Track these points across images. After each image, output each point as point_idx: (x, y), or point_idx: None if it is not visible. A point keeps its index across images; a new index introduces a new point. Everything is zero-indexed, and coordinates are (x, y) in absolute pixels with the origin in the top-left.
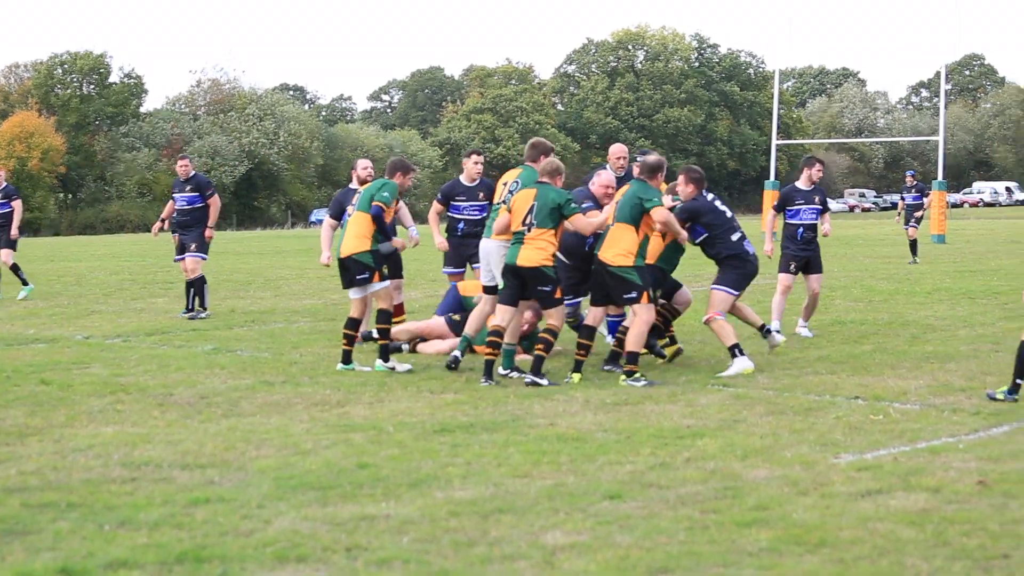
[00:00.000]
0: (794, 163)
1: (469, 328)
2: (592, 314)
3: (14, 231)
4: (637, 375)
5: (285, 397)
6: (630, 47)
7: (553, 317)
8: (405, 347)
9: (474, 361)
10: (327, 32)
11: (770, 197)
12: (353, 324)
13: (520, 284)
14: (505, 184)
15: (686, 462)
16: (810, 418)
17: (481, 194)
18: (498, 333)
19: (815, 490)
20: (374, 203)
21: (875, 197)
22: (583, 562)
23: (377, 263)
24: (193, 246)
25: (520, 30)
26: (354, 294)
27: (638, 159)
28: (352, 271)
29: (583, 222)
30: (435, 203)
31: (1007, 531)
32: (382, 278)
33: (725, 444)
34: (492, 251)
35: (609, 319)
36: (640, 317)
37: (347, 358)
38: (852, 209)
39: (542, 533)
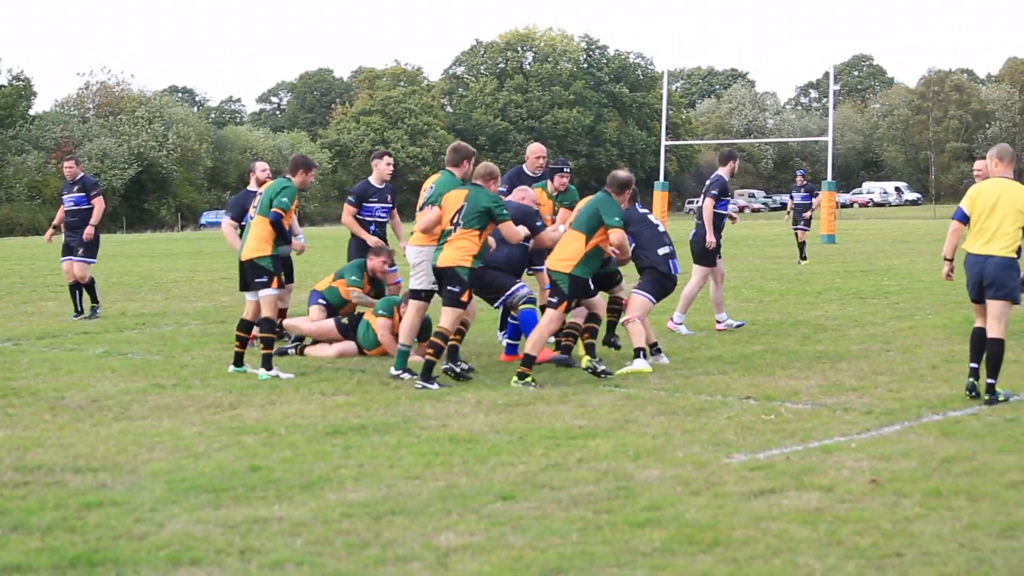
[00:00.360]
0: (683, 164)
1: (404, 336)
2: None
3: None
4: (529, 379)
5: (176, 400)
6: (519, 48)
7: (447, 319)
8: (291, 350)
9: (365, 363)
10: (216, 34)
11: (660, 198)
12: (246, 326)
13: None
14: (429, 190)
15: (578, 463)
16: (702, 418)
17: (389, 196)
18: (441, 336)
19: (708, 490)
20: (272, 209)
21: (764, 197)
22: (476, 563)
23: (276, 268)
24: (81, 251)
25: (409, 32)
26: (250, 297)
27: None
28: (250, 274)
29: (512, 230)
30: (348, 206)
31: (900, 529)
32: (280, 284)
33: (617, 444)
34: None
35: (512, 322)
36: (547, 321)
37: (239, 360)
38: (742, 210)
39: (435, 534)
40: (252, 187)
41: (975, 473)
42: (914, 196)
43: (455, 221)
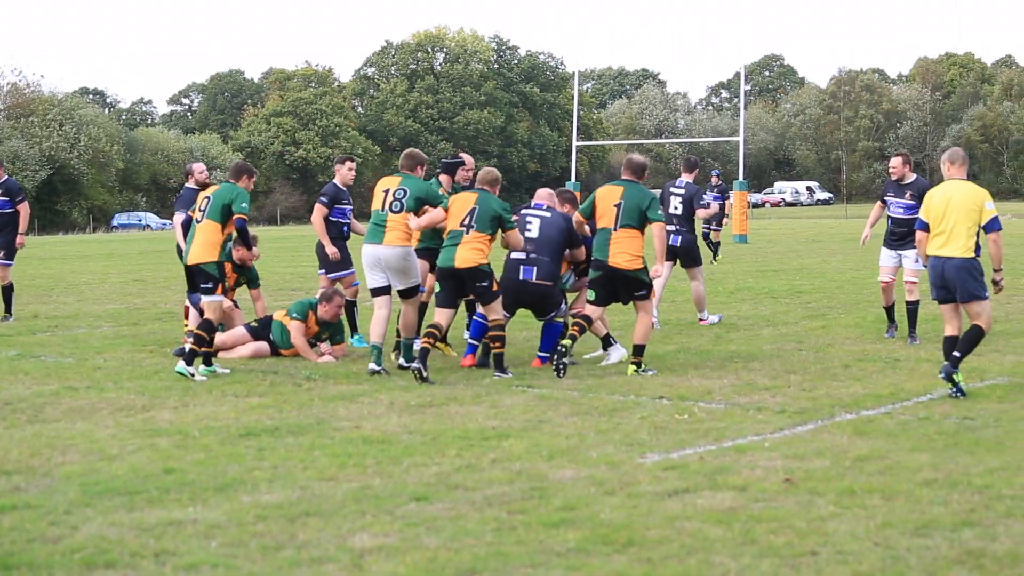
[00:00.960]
0: (595, 164)
1: (375, 336)
2: (593, 311)
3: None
4: (643, 367)
5: (90, 402)
6: (429, 49)
7: (494, 312)
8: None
9: (277, 365)
10: (127, 35)
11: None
12: (208, 326)
13: (458, 285)
14: (387, 191)
15: (492, 463)
16: (615, 418)
17: (348, 198)
18: (436, 327)
19: (622, 490)
20: (237, 216)
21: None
22: (391, 564)
23: (221, 274)
24: (1, 253)
25: (319, 33)
26: (191, 298)
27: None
28: (197, 279)
29: (517, 238)
30: (320, 207)
31: (814, 528)
32: (224, 291)
33: (531, 445)
34: (389, 256)
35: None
36: (648, 313)
37: (207, 360)
38: None
39: (350, 536)
40: (191, 185)
41: (889, 472)
42: (826, 196)
43: (466, 223)
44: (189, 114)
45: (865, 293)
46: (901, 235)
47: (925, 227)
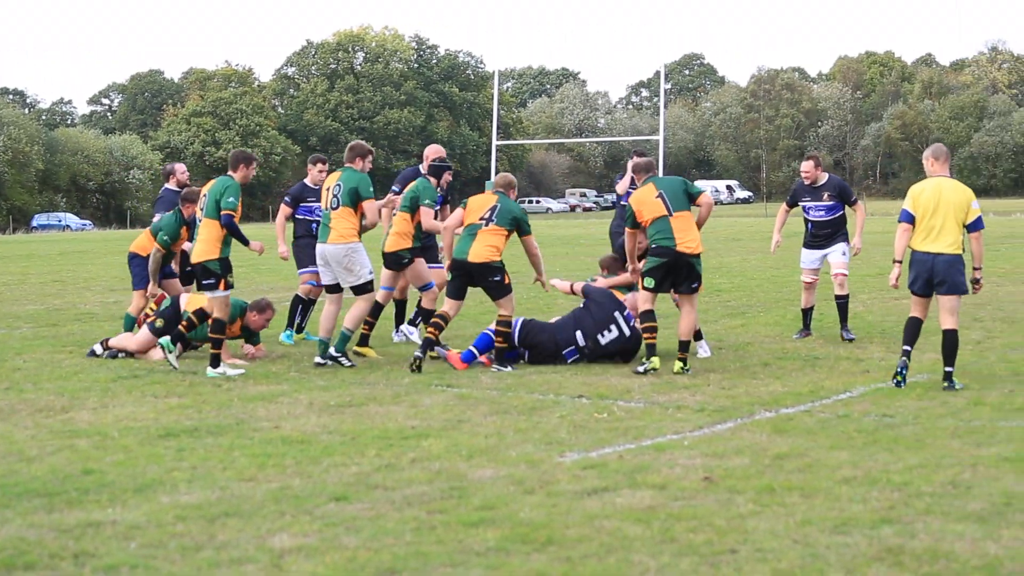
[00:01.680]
0: (515, 163)
1: (323, 331)
2: (645, 298)
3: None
4: (687, 365)
5: (9, 403)
6: (350, 49)
7: (504, 307)
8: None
9: (197, 366)
10: (46, 35)
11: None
12: (219, 326)
13: (468, 278)
14: (328, 188)
15: (411, 463)
16: (534, 417)
17: (316, 197)
18: (443, 316)
19: (541, 489)
20: (223, 212)
21: (596, 196)
22: (311, 564)
23: (224, 270)
24: None
25: (240, 32)
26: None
27: (633, 158)
28: (200, 277)
29: (533, 245)
30: (284, 207)
31: (733, 526)
32: (227, 286)
33: (450, 444)
34: (331, 254)
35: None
36: (694, 307)
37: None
38: (573, 209)
39: (269, 536)
40: (171, 186)
41: (808, 469)
42: (745, 194)
43: (486, 217)
44: (109, 114)
45: (785, 291)
46: (825, 236)
47: (910, 219)
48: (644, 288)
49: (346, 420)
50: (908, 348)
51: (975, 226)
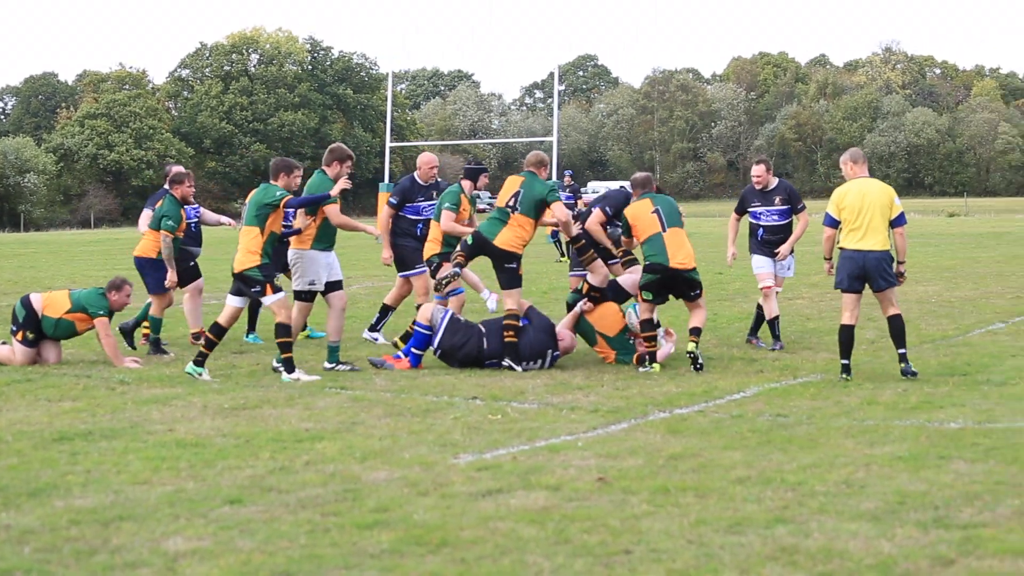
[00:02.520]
0: (408, 165)
1: (334, 334)
2: (645, 308)
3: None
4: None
5: None
6: (244, 51)
7: (510, 299)
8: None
9: (91, 369)
10: None
11: (385, 199)
12: (218, 330)
13: (480, 253)
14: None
15: (305, 465)
16: (428, 419)
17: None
18: (515, 317)
19: (435, 490)
20: (284, 199)
21: (490, 198)
22: (205, 568)
23: (267, 275)
24: None
25: (133, 35)
26: (233, 302)
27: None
28: (244, 286)
29: (562, 209)
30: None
31: (628, 527)
32: (276, 289)
33: (344, 447)
34: (315, 258)
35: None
36: (703, 308)
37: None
38: None
39: (164, 540)
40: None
41: (702, 469)
42: None
43: (511, 205)
44: (3, 117)
45: None
46: (776, 242)
47: (835, 224)
48: (643, 300)
49: (240, 423)
50: (846, 362)
51: (898, 222)
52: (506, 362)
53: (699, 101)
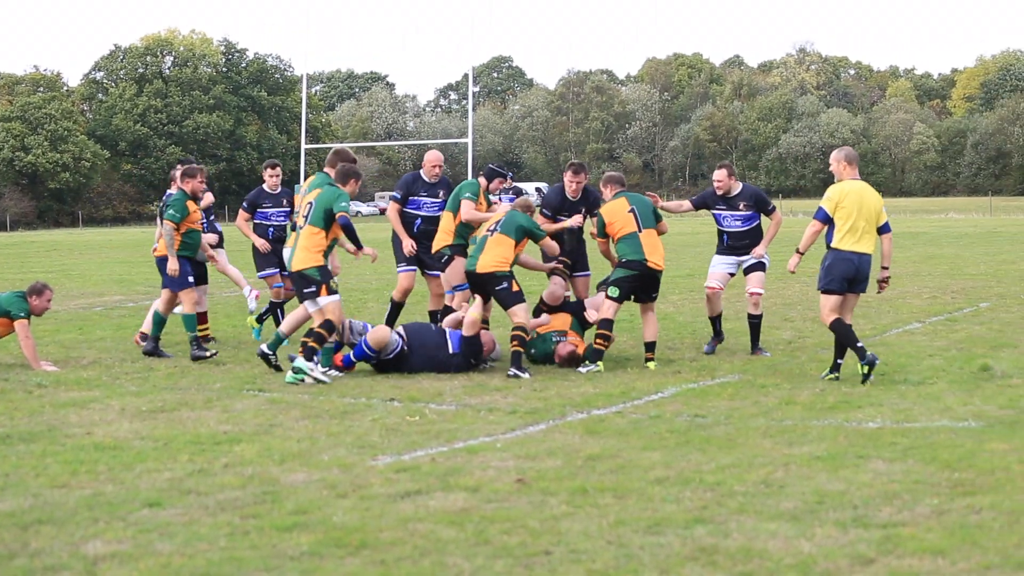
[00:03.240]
0: (323, 167)
1: (285, 326)
2: (610, 307)
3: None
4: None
5: None
6: (159, 53)
7: (517, 315)
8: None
9: (8, 372)
10: None
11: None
12: (329, 325)
13: (479, 288)
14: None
15: (224, 468)
16: (346, 421)
17: (284, 200)
18: (522, 329)
19: (354, 492)
20: (340, 215)
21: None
22: (125, 571)
23: (324, 277)
24: None
25: (48, 37)
26: (309, 307)
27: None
28: (300, 285)
29: (550, 245)
30: (242, 212)
31: (547, 528)
32: (331, 291)
33: (262, 449)
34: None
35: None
36: (653, 312)
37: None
38: (383, 212)
39: (83, 543)
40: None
41: (620, 470)
42: None
43: (491, 228)
44: None
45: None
46: (743, 247)
47: (827, 219)
48: (608, 297)
49: (158, 425)
50: (860, 345)
51: (886, 228)
52: (512, 371)
53: (614, 102)
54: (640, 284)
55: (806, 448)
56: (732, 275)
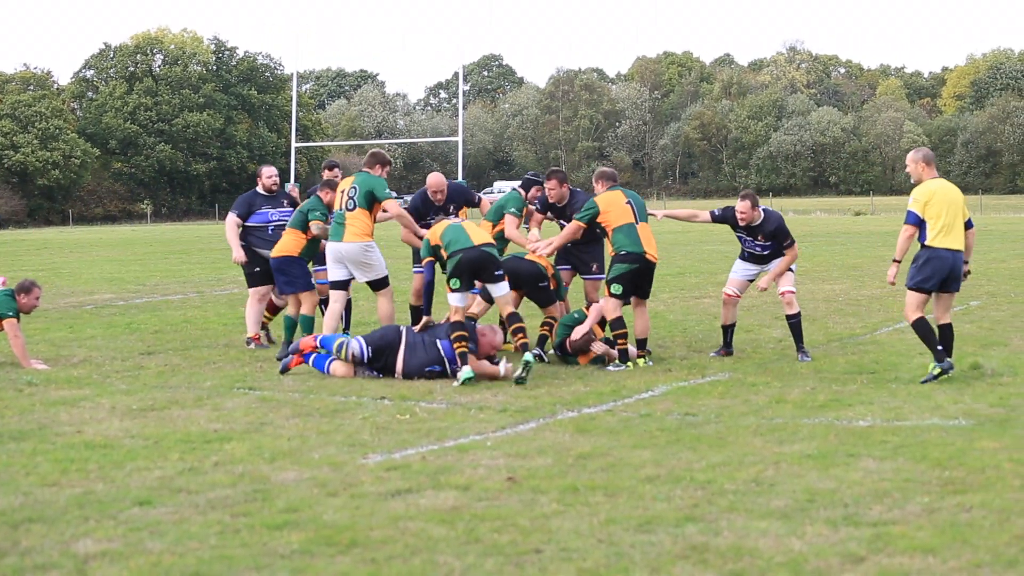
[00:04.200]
0: (314, 165)
1: (327, 329)
2: (615, 305)
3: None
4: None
5: None
6: (148, 51)
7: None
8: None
9: None
10: None
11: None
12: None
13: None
14: (343, 191)
15: (215, 466)
16: (337, 419)
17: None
18: (546, 323)
19: (345, 491)
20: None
21: (396, 198)
22: (116, 569)
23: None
24: None
25: (38, 35)
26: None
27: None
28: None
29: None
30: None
31: (537, 526)
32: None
33: (253, 447)
34: (347, 252)
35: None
36: (645, 307)
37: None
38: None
39: (73, 541)
40: (259, 190)
41: (611, 469)
42: None
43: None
44: None
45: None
46: (764, 258)
47: (918, 222)
48: (611, 295)
49: (149, 424)
50: (940, 348)
51: (970, 224)
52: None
53: (604, 100)
54: (639, 278)
55: (797, 446)
56: (751, 281)
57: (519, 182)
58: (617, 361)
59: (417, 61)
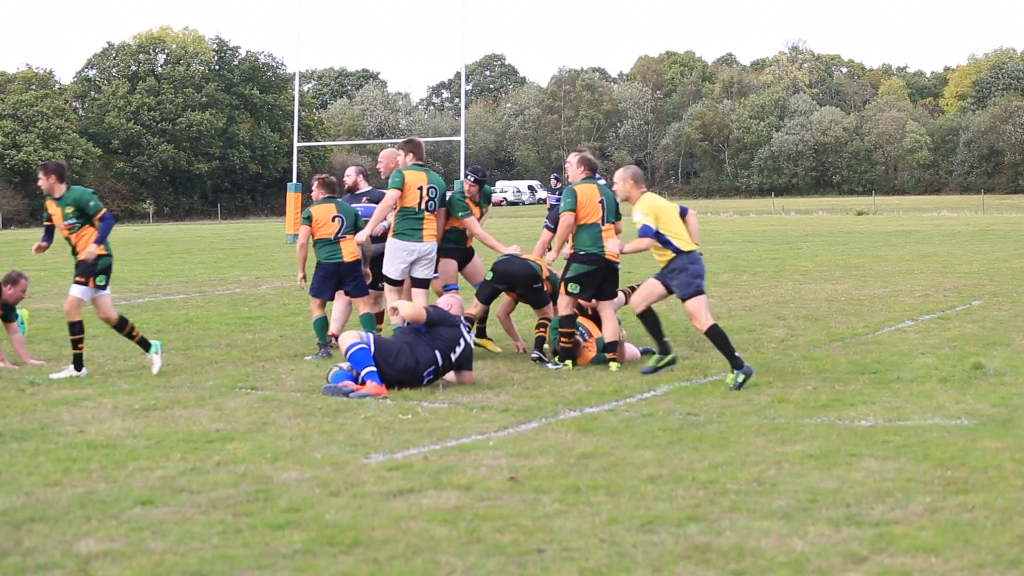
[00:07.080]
0: (316, 165)
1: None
2: (567, 303)
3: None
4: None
5: None
6: (151, 50)
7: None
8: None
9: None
10: None
11: (293, 199)
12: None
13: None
14: (421, 188)
15: (217, 466)
16: (339, 419)
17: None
18: (541, 324)
19: (347, 490)
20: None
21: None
22: (118, 569)
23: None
24: None
25: (40, 35)
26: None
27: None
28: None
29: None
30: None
31: (539, 526)
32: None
33: (255, 447)
34: (427, 251)
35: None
36: (614, 310)
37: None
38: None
39: (75, 541)
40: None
41: (613, 468)
42: (546, 195)
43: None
44: None
45: None
46: None
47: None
48: (568, 293)
49: (151, 424)
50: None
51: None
52: (535, 355)
53: (605, 100)
54: (599, 279)
55: (799, 446)
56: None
57: (471, 175)
58: (556, 359)
59: (419, 60)
